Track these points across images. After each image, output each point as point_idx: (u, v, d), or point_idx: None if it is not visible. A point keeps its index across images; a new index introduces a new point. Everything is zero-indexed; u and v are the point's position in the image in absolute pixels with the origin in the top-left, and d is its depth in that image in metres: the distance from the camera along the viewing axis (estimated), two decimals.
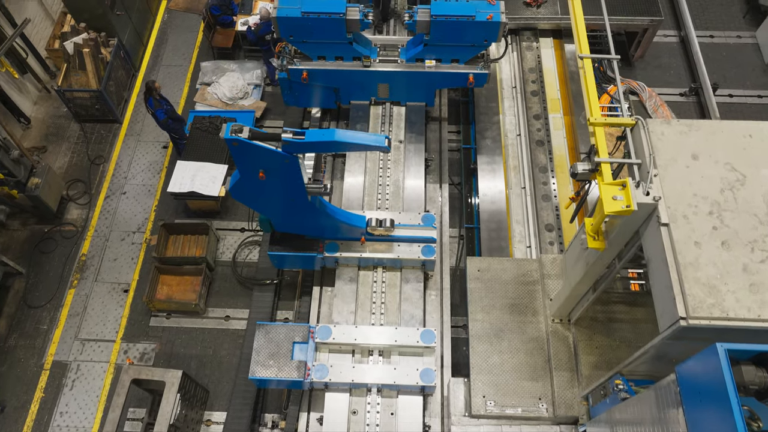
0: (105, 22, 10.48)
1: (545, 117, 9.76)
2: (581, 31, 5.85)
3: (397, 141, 9.34)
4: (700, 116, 10.78)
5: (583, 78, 5.66)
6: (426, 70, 8.91)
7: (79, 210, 10.05)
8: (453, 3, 8.26)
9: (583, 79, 5.66)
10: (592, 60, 5.90)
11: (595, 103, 5.43)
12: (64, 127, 10.92)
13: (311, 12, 8.16)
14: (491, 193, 9.03)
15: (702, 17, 12.01)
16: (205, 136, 9.93)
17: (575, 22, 5.92)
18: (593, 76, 5.63)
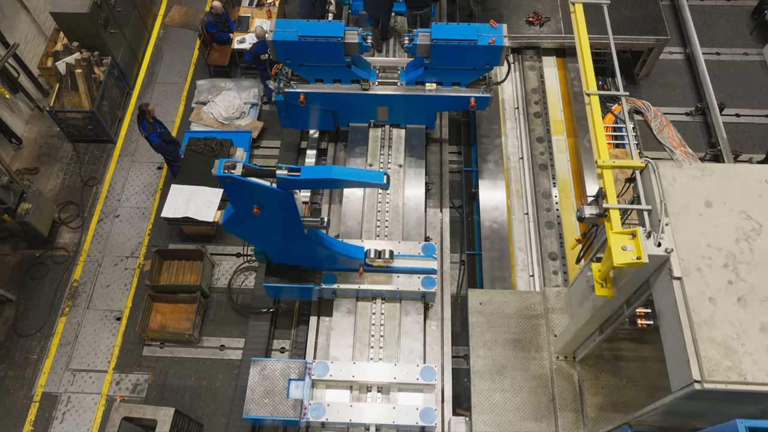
0: (98, 41, 10.26)
1: (548, 139, 9.53)
2: (588, 66, 5.62)
3: (397, 165, 9.12)
4: (707, 136, 10.55)
5: (590, 116, 5.42)
6: (426, 93, 8.68)
7: (71, 234, 9.83)
8: (454, 26, 8.03)
9: (590, 118, 5.42)
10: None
11: (603, 145, 5.20)
12: (56, 147, 10.69)
13: (308, 36, 7.93)
14: (493, 219, 8.79)
15: (708, 34, 11.78)
16: (200, 158, 9.71)
17: (581, 55, 5.68)
18: (600, 114, 5.39)
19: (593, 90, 5.51)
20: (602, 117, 6.69)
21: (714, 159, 10.27)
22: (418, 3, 9.36)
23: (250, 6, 11.35)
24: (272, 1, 11.40)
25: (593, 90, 5.51)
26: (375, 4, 9.44)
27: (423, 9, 9.46)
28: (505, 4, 10.51)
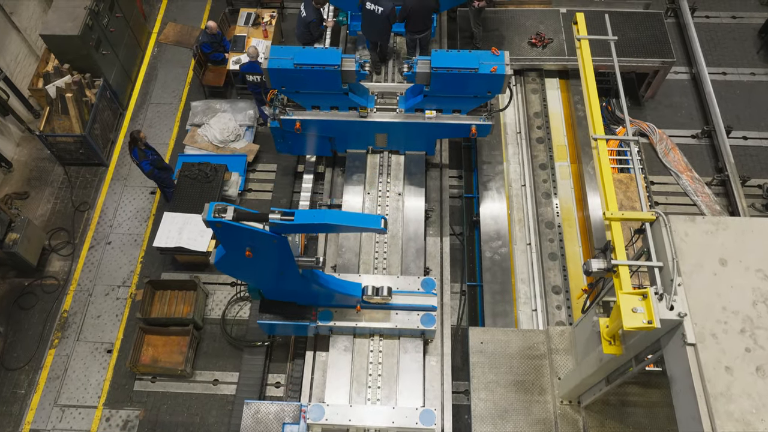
0: (90, 63, 10.01)
1: (551, 166, 9.27)
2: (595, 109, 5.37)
3: (396, 193, 8.87)
4: (713, 160, 10.29)
5: (597, 161, 5.17)
6: (426, 121, 8.44)
7: (61, 262, 9.57)
8: (455, 54, 7.78)
9: (597, 164, 5.17)
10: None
11: (612, 195, 4.94)
12: (47, 171, 10.44)
13: (304, 64, 7.68)
14: (494, 250, 8.54)
15: (714, 53, 11.52)
16: (193, 184, 9.46)
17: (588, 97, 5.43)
18: (608, 162, 5.14)
19: (600, 134, 5.25)
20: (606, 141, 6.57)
21: (721, 184, 10.02)
22: (417, 27, 9.11)
23: (246, 25, 11.09)
24: (269, 20, 11.14)
25: (600, 134, 5.25)
26: (373, 28, 9.20)
27: (422, 33, 9.20)
28: (506, 25, 10.26)
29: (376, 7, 8.83)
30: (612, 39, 6.13)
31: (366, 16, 9.03)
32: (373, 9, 8.85)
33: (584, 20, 6.16)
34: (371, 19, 9.01)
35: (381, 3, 8.83)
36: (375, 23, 9.10)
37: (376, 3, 8.82)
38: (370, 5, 8.83)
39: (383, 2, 8.85)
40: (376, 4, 8.82)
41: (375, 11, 8.88)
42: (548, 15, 10.38)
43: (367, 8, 8.87)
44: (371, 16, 8.96)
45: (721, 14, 12.05)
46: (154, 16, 12.37)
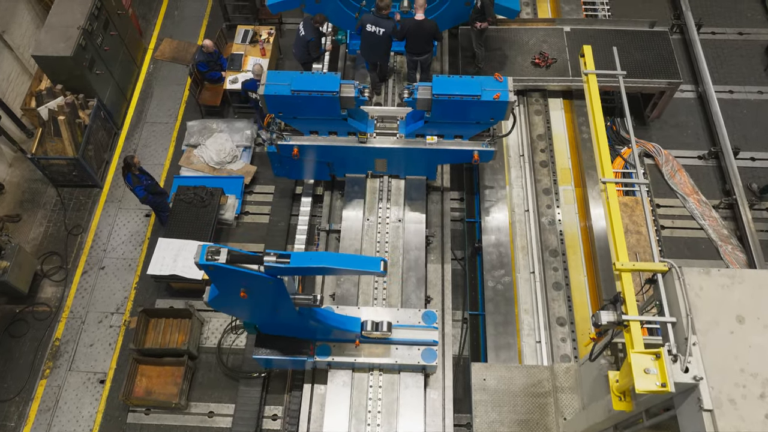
0: (83, 83, 9.78)
1: (555, 191, 9.05)
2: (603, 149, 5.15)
3: (396, 219, 8.65)
4: (721, 182, 10.06)
5: (606, 207, 4.95)
6: (427, 147, 8.22)
7: (54, 287, 9.35)
8: (456, 79, 7.56)
9: (606, 209, 4.95)
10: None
11: (622, 245, 4.73)
12: (40, 193, 10.22)
13: (302, 90, 7.46)
14: (497, 279, 8.30)
15: (720, 70, 11.29)
16: (189, 208, 9.24)
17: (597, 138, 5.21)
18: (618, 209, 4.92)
19: (609, 177, 5.03)
20: (611, 161, 6.35)
21: (729, 207, 9.80)
22: (416, 49, 8.90)
23: (243, 43, 10.87)
24: (266, 38, 10.92)
25: (609, 177, 5.03)
26: (373, 50, 8.99)
27: (423, 55, 8.99)
28: (509, 44, 10.04)
29: (376, 29, 8.63)
30: (621, 74, 5.88)
31: (366, 38, 8.82)
32: (374, 31, 8.65)
33: (591, 53, 5.92)
34: (371, 40, 8.81)
35: (381, 24, 8.63)
36: (375, 45, 8.89)
37: (376, 24, 8.61)
38: (370, 27, 8.62)
39: (383, 23, 8.64)
40: (376, 25, 8.61)
41: (375, 33, 8.67)
42: (552, 34, 10.15)
43: (367, 30, 8.66)
44: (371, 37, 8.75)
45: (727, 30, 11.83)
46: (150, 32, 12.16)
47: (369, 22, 8.59)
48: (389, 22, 8.65)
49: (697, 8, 11.88)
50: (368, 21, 8.60)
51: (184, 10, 12.42)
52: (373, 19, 8.58)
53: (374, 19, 8.58)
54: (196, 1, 12.50)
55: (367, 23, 8.60)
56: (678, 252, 9.47)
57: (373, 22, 8.58)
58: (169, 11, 12.40)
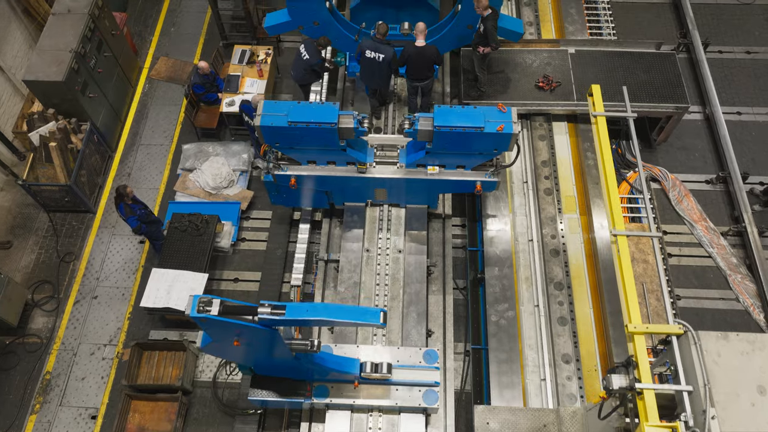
0: (76, 107, 9.54)
1: (560, 220, 8.80)
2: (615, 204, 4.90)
3: (396, 250, 8.42)
4: (729, 208, 9.82)
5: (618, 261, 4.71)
6: (428, 177, 7.98)
7: (45, 318, 9.11)
8: (458, 110, 7.33)
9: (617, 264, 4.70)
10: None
11: (634, 305, 4.48)
12: (32, 218, 9.98)
13: (299, 122, 7.23)
14: (500, 314, 8.05)
15: (728, 91, 11.05)
16: (183, 236, 8.99)
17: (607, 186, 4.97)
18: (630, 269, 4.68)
19: (621, 230, 4.79)
20: (617, 185, 6.13)
21: (737, 235, 9.56)
22: (419, 75, 8.66)
23: (240, 63, 10.62)
24: (264, 59, 10.68)
25: (621, 230, 4.79)
26: (374, 76, 8.77)
27: (423, 81, 8.75)
28: (512, 67, 9.79)
29: (376, 54, 8.39)
30: (630, 116, 5.64)
31: (366, 64, 8.59)
32: (374, 57, 8.41)
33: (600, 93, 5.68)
34: (371, 66, 8.58)
35: (381, 50, 8.40)
36: (375, 71, 8.66)
37: (376, 50, 8.38)
38: (370, 53, 8.38)
39: (383, 49, 8.41)
40: (375, 51, 8.38)
41: (375, 59, 8.44)
42: (556, 55, 9.91)
43: (366, 56, 8.43)
44: (371, 63, 8.52)
45: (734, 49, 11.59)
46: (146, 50, 11.92)
47: (368, 47, 8.36)
48: (389, 48, 8.43)
49: (703, 26, 11.65)
50: (367, 47, 8.37)
51: (181, 27, 12.19)
52: (373, 44, 8.35)
53: (373, 44, 8.35)
54: (193, 19, 12.26)
55: (367, 49, 8.37)
56: (686, 281, 9.23)
57: (372, 47, 8.35)
58: (165, 28, 12.16)
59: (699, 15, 11.76)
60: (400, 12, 9.57)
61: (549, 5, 11.10)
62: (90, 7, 9.65)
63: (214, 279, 9.31)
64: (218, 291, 9.28)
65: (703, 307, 9.03)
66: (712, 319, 8.93)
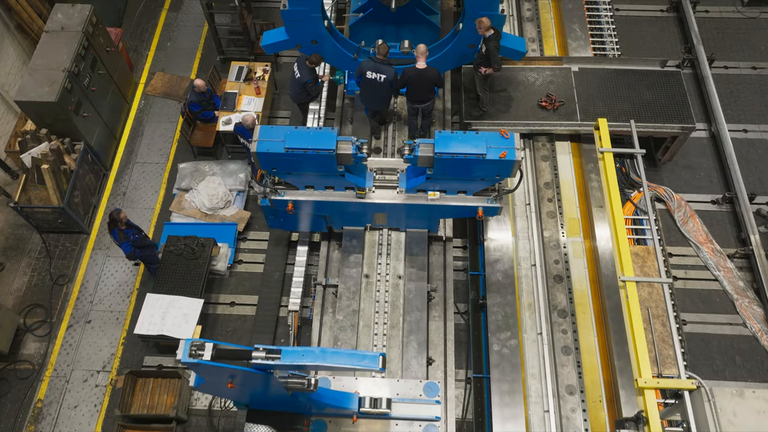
0: (69, 127, 9.34)
1: (563, 244, 8.61)
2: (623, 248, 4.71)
3: (396, 276, 8.24)
4: (736, 229, 9.63)
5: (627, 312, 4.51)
6: (429, 203, 7.79)
7: (37, 343, 8.92)
8: (459, 135, 7.14)
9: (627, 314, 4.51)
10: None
11: (645, 359, 4.29)
12: (24, 239, 9.79)
13: (296, 148, 7.04)
14: (503, 342, 7.85)
15: (734, 107, 10.86)
16: (179, 260, 8.81)
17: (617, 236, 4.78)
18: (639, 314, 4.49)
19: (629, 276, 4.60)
20: (621, 205, 5.96)
21: (744, 258, 9.37)
22: (419, 97, 8.47)
23: (237, 80, 10.43)
24: (261, 75, 10.48)
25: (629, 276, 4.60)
26: (375, 97, 8.59)
27: (424, 103, 8.56)
28: (514, 85, 9.60)
29: (377, 75, 8.20)
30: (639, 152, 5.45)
31: (366, 85, 8.40)
32: (375, 78, 8.22)
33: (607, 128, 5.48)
34: (372, 87, 8.39)
35: (382, 70, 8.20)
36: (377, 91, 8.48)
37: (377, 71, 8.19)
38: (370, 74, 8.19)
39: (384, 69, 8.22)
40: (376, 72, 8.19)
41: (376, 80, 8.25)
42: (559, 73, 9.72)
43: (367, 77, 8.24)
44: (372, 84, 8.33)
45: (740, 64, 11.40)
46: (142, 65, 11.72)
47: (369, 69, 8.17)
48: (390, 68, 8.24)
49: (708, 41, 11.47)
50: (368, 68, 8.18)
51: (177, 41, 12.00)
52: (373, 65, 8.16)
53: (374, 65, 8.16)
54: (190, 33, 12.08)
55: (367, 70, 8.18)
56: (692, 305, 9.03)
57: (373, 68, 8.16)
58: (161, 43, 11.97)
59: (704, 29, 11.59)
60: (400, 29, 9.38)
61: (552, 21, 10.92)
62: (84, 25, 9.45)
63: (209, 303, 9.12)
64: (214, 315, 9.09)
65: (710, 333, 8.83)
66: (719, 345, 8.74)
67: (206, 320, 8.95)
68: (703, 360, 8.61)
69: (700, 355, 8.67)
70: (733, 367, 8.56)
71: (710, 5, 12.09)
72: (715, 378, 8.46)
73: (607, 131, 5.57)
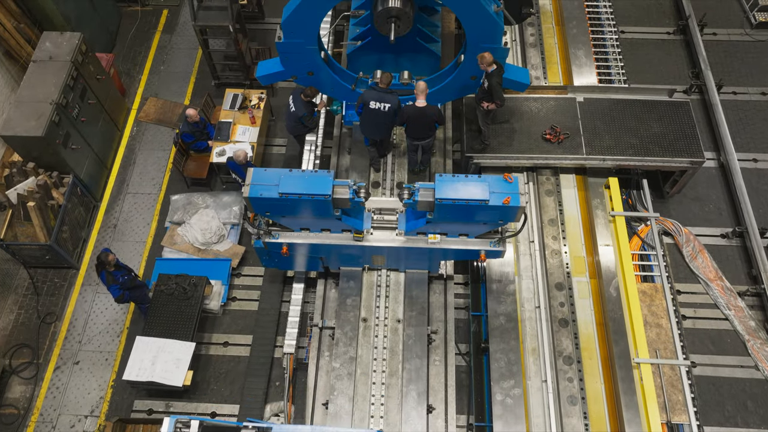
0: (57, 160, 9.04)
1: (569, 286, 8.30)
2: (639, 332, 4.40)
3: (395, 320, 7.94)
4: (746, 265, 9.32)
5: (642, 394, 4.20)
6: (429, 246, 7.49)
7: (23, 386, 8.61)
8: (461, 180, 6.85)
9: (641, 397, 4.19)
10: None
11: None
12: (11, 274, 9.48)
13: (291, 193, 6.74)
14: (506, 392, 7.53)
15: (743, 135, 10.55)
16: (170, 300, 8.51)
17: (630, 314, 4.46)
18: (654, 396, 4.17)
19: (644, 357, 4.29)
20: (628, 239, 5.68)
21: (756, 296, 9.06)
22: (419, 134, 8.18)
23: (231, 109, 10.12)
24: (256, 104, 10.17)
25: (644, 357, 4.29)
26: (377, 127, 8.27)
27: (424, 140, 8.26)
28: (518, 116, 9.29)
29: (381, 105, 7.89)
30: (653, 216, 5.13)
31: (369, 115, 8.07)
32: (378, 107, 7.91)
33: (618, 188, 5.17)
34: (376, 118, 8.07)
35: (386, 99, 7.89)
36: (380, 121, 8.17)
37: (381, 101, 7.87)
38: (374, 104, 7.88)
39: (388, 98, 7.91)
40: (380, 101, 7.88)
41: (380, 109, 7.93)
42: (563, 104, 9.39)
43: (370, 107, 7.92)
44: (376, 114, 8.01)
45: (749, 90, 11.10)
46: (134, 90, 11.42)
47: (372, 99, 7.86)
48: (394, 97, 7.93)
49: (716, 64, 11.19)
50: (371, 98, 7.87)
51: (171, 65, 11.69)
52: (377, 95, 7.84)
53: (378, 95, 7.84)
54: (184, 56, 11.78)
55: (371, 100, 7.86)
56: (701, 347, 8.72)
57: (377, 98, 7.84)
58: (154, 67, 11.67)
59: (711, 52, 11.29)
60: (400, 57, 9.06)
61: (556, 46, 10.61)
62: (73, 54, 9.14)
63: (202, 343, 8.82)
64: (207, 356, 8.78)
65: (721, 376, 8.52)
66: (730, 389, 8.43)
67: (198, 361, 8.64)
68: (713, 405, 8.30)
69: (711, 399, 8.35)
70: (745, 413, 8.25)
71: (718, 28, 11.80)
72: (726, 425, 8.17)
73: (617, 191, 5.30)
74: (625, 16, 11.98)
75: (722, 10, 12.03)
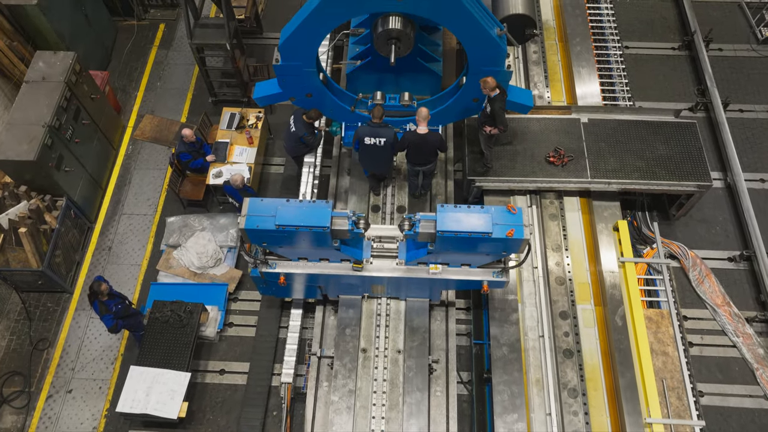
0: (50, 183, 8.84)
1: (573, 314, 8.10)
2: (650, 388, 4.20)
3: (396, 351, 7.75)
4: (755, 290, 9.12)
5: None
6: (430, 276, 7.29)
7: (14, 416, 8.41)
8: (464, 210, 6.65)
9: None
10: None
11: None
12: (3, 299, 9.28)
13: (288, 225, 6.55)
14: (509, 425, 7.32)
15: (750, 154, 10.36)
16: (165, 328, 8.31)
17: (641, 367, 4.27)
18: None
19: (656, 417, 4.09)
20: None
21: (764, 322, 8.86)
22: (421, 160, 7.98)
23: (228, 129, 9.92)
24: (254, 123, 9.97)
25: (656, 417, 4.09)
26: (375, 161, 8.11)
27: (425, 166, 8.07)
28: (521, 137, 9.08)
29: (376, 140, 7.70)
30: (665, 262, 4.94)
31: (365, 151, 7.90)
32: (374, 143, 7.72)
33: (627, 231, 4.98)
34: (373, 153, 7.89)
35: (381, 134, 7.70)
36: (377, 156, 7.99)
37: (375, 135, 7.69)
38: (369, 140, 7.70)
39: (383, 132, 7.72)
40: (375, 137, 7.69)
41: (376, 144, 7.75)
42: (567, 125, 9.19)
43: (366, 143, 7.74)
44: (372, 150, 7.84)
45: (756, 108, 10.90)
46: (130, 107, 11.22)
47: (367, 134, 7.67)
48: (389, 130, 7.74)
49: (722, 81, 11.00)
50: (365, 134, 7.68)
51: (168, 81, 11.49)
52: (370, 130, 7.65)
53: (371, 130, 7.65)
54: (181, 72, 11.58)
55: (365, 136, 7.67)
56: (709, 375, 8.52)
57: (371, 134, 7.65)
58: (151, 83, 11.47)
59: (717, 68, 11.09)
60: (400, 77, 8.86)
61: (559, 63, 10.41)
62: (66, 74, 8.94)
63: (198, 371, 8.62)
64: (202, 384, 8.58)
65: (729, 406, 8.32)
66: (739, 419, 8.23)
67: (194, 390, 8.44)
68: None
69: (719, 430, 8.15)
70: None
71: (723, 43, 11.60)
72: None
73: (627, 234, 5.08)
74: (629, 30, 11.79)
75: (728, 25, 11.84)
